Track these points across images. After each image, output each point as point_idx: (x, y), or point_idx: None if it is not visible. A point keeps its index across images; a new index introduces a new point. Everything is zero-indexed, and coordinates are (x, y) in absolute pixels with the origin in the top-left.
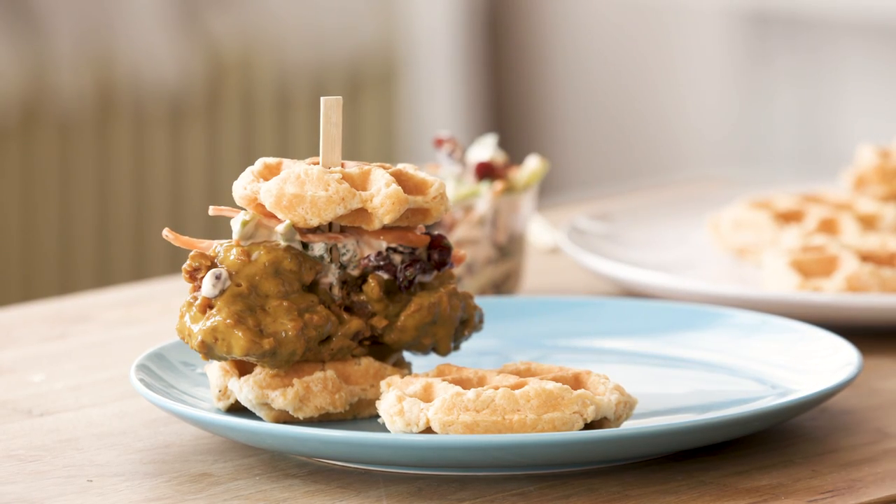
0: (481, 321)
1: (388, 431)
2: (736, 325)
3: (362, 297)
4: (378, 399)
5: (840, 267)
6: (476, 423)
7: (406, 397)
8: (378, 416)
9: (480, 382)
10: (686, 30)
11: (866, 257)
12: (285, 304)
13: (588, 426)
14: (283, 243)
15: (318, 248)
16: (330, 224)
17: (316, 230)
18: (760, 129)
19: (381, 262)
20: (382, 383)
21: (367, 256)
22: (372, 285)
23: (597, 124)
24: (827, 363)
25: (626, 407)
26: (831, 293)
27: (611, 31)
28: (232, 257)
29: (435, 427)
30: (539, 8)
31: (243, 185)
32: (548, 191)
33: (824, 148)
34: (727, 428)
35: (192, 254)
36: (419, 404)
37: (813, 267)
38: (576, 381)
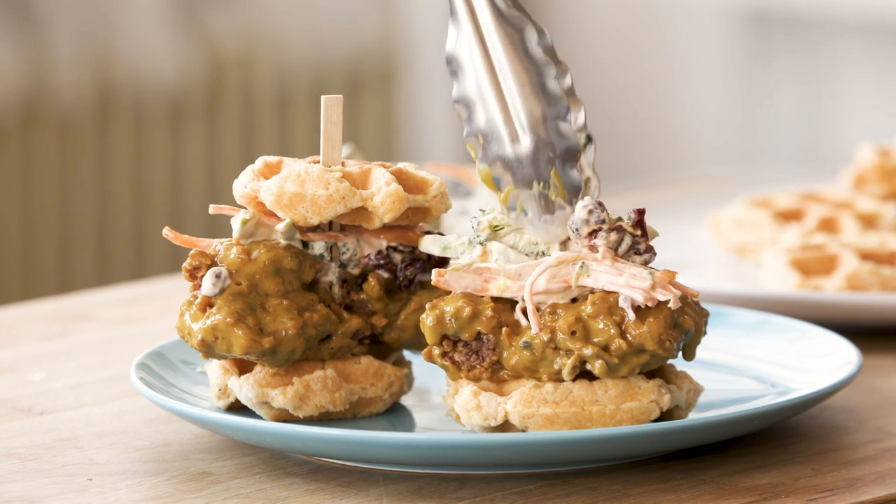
0: None
1: (388, 431)
2: (736, 324)
3: (362, 296)
4: (377, 397)
5: (840, 266)
6: (556, 416)
7: (482, 392)
8: (376, 413)
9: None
10: (686, 30)
11: (866, 256)
12: (285, 302)
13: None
14: (283, 242)
15: (319, 247)
16: (330, 223)
17: (316, 229)
18: (760, 128)
19: (382, 261)
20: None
21: (368, 255)
22: (372, 284)
23: (597, 123)
24: (827, 362)
25: (695, 394)
26: (831, 292)
27: (610, 31)
28: (232, 256)
29: (514, 420)
30: (539, 8)
31: (243, 184)
32: None
33: (824, 147)
34: (727, 426)
35: (192, 252)
36: (496, 398)
37: (813, 266)
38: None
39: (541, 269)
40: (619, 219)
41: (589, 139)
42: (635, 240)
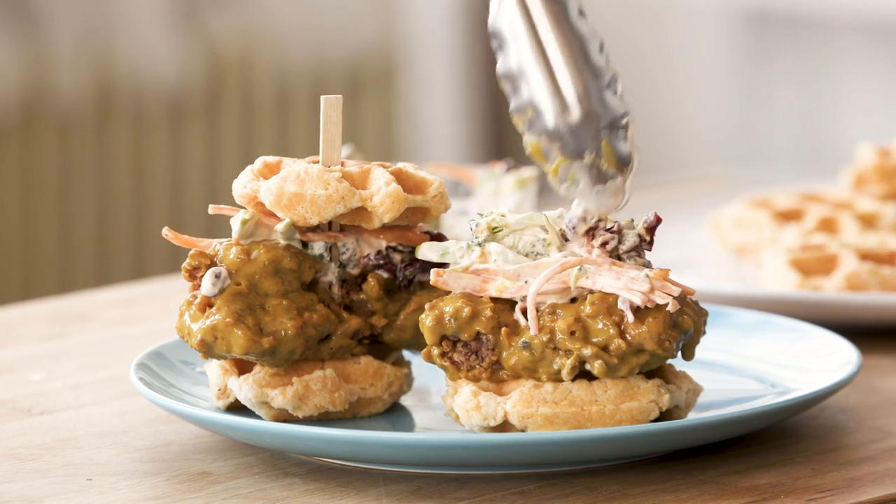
0: None
1: (387, 431)
2: (736, 324)
3: (362, 296)
4: (377, 397)
5: (839, 266)
6: (555, 416)
7: (481, 392)
8: (376, 413)
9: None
10: (686, 30)
11: (866, 256)
12: (285, 302)
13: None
14: (282, 242)
15: (318, 247)
16: (330, 223)
17: (316, 229)
18: (760, 129)
19: (381, 261)
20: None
21: (367, 255)
22: (371, 284)
23: None
24: (827, 362)
25: (694, 394)
26: (830, 292)
27: (610, 31)
28: (231, 256)
29: (513, 420)
30: None
31: (243, 184)
32: (547, 190)
33: (824, 147)
34: (727, 427)
35: (191, 252)
36: (495, 398)
37: (812, 266)
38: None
39: (546, 274)
40: (631, 221)
41: (626, 112)
42: (641, 243)
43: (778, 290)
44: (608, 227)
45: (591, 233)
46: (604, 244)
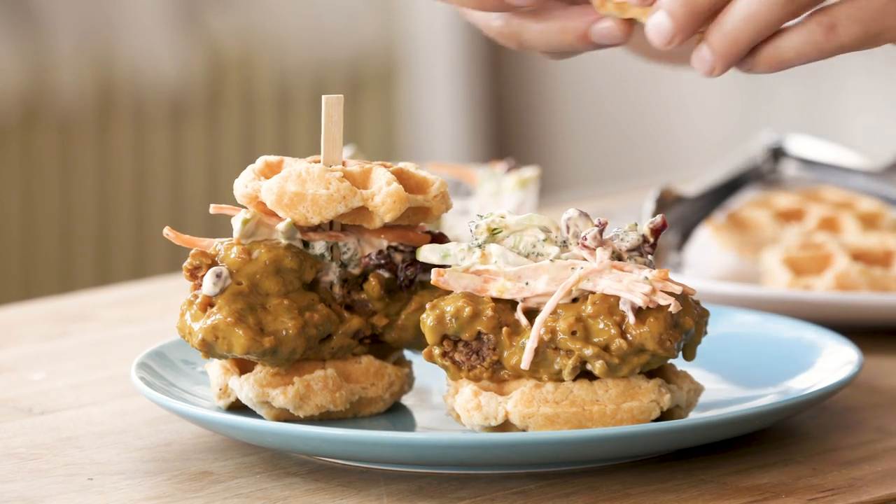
0: None
1: (388, 431)
2: (736, 324)
3: (363, 296)
4: (378, 397)
5: (831, 265)
6: (556, 415)
7: (482, 392)
8: (377, 413)
9: None
10: None
11: (859, 256)
12: (286, 302)
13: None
14: (283, 242)
15: (319, 247)
16: (331, 222)
17: (317, 228)
18: (760, 129)
19: (382, 261)
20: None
21: (368, 255)
22: (373, 284)
23: (596, 123)
24: (827, 362)
25: (695, 394)
26: (821, 291)
27: None
28: (233, 256)
29: (514, 420)
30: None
31: (244, 184)
32: (547, 190)
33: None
34: (727, 426)
35: (192, 252)
36: (496, 398)
37: (807, 265)
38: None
39: (557, 296)
40: (635, 224)
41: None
42: (644, 243)
43: (778, 291)
44: (611, 235)
45: (587, 239)
46: (607, 249)
